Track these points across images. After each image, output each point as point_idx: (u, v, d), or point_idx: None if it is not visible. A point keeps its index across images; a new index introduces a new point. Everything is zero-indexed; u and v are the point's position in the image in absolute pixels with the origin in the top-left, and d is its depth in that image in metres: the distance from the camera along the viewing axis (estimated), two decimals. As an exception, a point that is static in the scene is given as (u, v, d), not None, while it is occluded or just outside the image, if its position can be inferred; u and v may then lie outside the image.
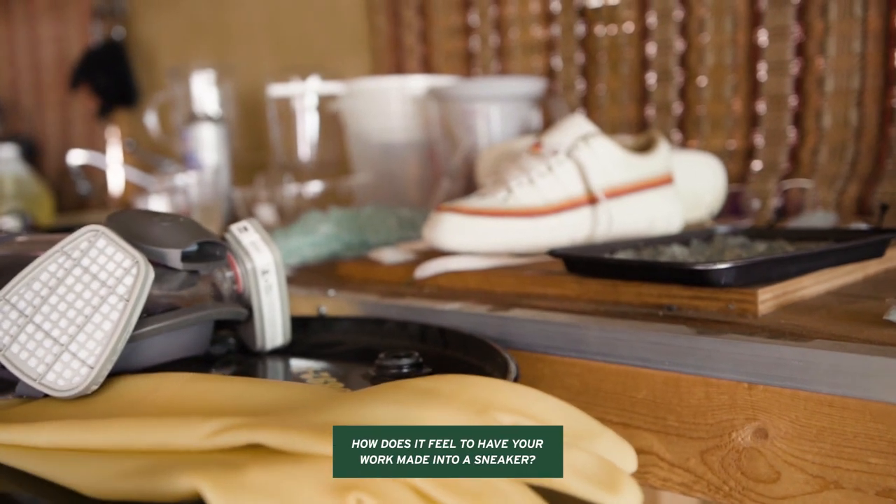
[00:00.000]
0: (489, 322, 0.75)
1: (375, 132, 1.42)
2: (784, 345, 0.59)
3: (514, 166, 0.94)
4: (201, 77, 1.71)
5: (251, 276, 0.72)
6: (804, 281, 0.73)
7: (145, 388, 0.60)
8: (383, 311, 0.84)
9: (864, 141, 1.15)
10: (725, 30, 1.27)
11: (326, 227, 1.11)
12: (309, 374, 0.70)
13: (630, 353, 0.66)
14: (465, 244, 0.89)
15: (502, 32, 1.54)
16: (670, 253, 0.81)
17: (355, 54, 1.79)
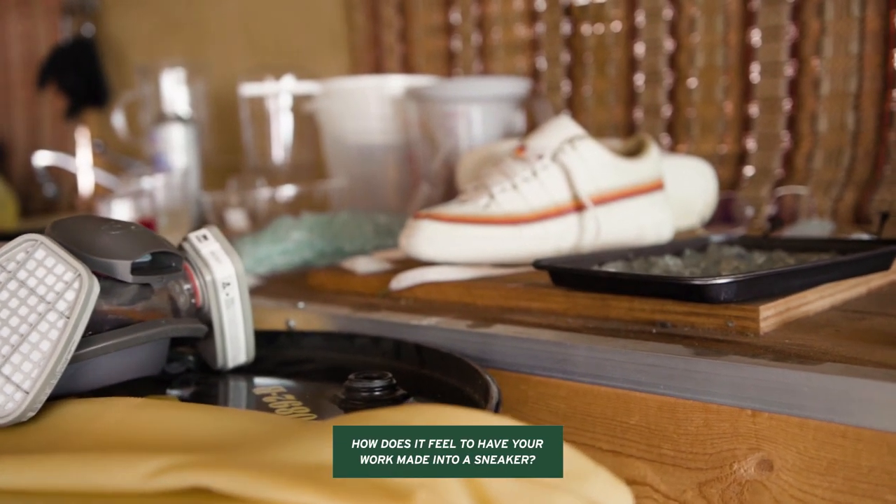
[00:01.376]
0: (469, 339, 0.72)
1: (352, 134, 1.40)
2: (791, 368, 0.55)
3: (496, 171, 0.91)
4: (171, 75, 1.68)
5: (211, 289, 0.69)
6: (808, 296, 0.69)
7: (87, 415, 0.56)
8: (356, 325, 0.81)
9: (861, 146, 1.12)
10: (717, 29, 1.25)
11: (298, 234, 1.08)
12: (273, 396, 0.66)
13: (622, 374, 0.63)
14: (443, 254, 0.85)
15: (485, 31, 1.52)
16: (663, 265, 0.77)
17: (333, 53, 1.77)
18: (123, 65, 2.26)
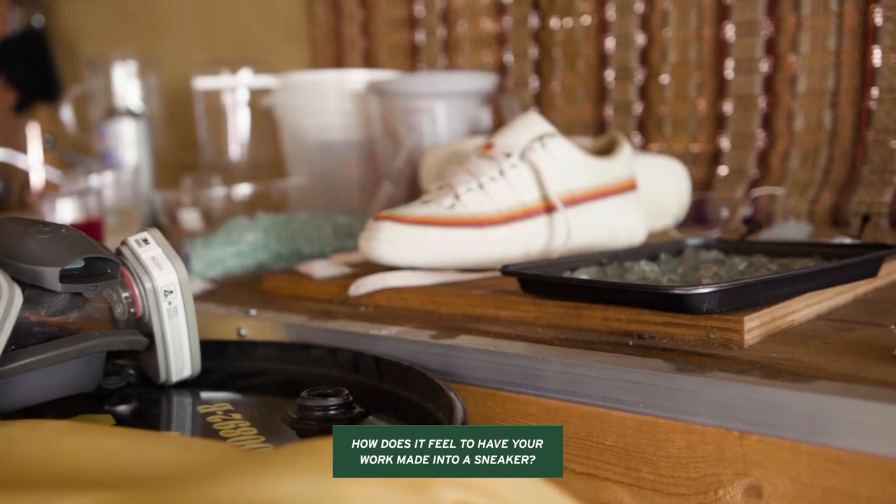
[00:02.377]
0: (432, 351, 0.67)
1: (312, 130, 1.36)
2: (782, 387, 0.50)
3: (462, 170, 0.87)
4: (123, 68, 1.63)
5: (151, 298, 0.64)
6: (793, 304, 0.65)
7: (7, 439, 0.50)
8: (311, 334, 0.76)
9: (839, 145, 1.10)
10: (690, 24, 1.22)
11: (253, 236, 1.03)
12: (218, 414, 0.62)
13: (598, 391, 0.58)
14: (406, 257, 0.81)
15: (450, 25, 1.49)
16: (639, 270, 0.72)
17: (292, 47, 1.74)
18: (75, 57, 2.20)
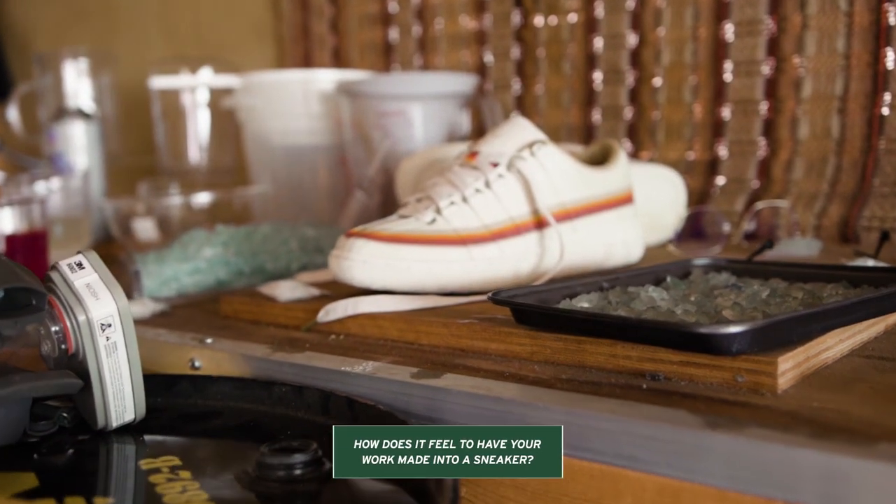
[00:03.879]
0: (414, 393, 0.60)
1: (277, 134, 1.33)
2: (840, 452, 0.43)
3: (443, 180, 0.81)
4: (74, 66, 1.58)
5: (86, 332, 0.56)
6: (827, 341, 0.58)
7: None
8: (275, 369, 0.68)
9: (847, 155, 1.06)
10: (685, 23, 1.19)
11: (211, 251, 0.96)
12: (164, 472, 0.54)
13: (610, 447, 0.50)
14: (381, 279, 0.75)
15: (426, 22, 1.47)
16: (647, 298, 0.65)
17: (257, 44, 1.72)
18: (27, 54, 2.16)
